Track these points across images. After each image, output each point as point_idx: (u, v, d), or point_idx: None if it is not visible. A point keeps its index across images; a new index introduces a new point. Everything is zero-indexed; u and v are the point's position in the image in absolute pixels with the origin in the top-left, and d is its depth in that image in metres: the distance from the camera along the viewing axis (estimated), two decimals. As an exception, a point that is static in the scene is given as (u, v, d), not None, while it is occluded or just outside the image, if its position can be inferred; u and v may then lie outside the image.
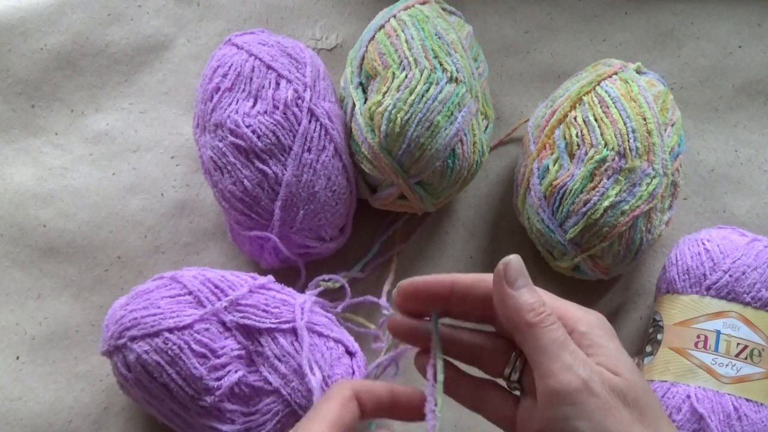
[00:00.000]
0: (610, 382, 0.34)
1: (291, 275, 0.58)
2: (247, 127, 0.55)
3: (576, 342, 0.36)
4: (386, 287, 0.60)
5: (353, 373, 0.53)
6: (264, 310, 0.52)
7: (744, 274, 0.53)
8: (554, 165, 0.57)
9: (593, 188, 0.55)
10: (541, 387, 0.35)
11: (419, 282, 0.40)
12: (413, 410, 0.40)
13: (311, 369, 0.50)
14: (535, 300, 0.37)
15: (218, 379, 0.50)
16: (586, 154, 0.56)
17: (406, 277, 0.41)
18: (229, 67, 0.57)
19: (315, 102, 0.57)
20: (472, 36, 0.62)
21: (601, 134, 0.56)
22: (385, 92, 0.56)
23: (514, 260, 0.37)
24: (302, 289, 0.57)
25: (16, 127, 0.65)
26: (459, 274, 0.40)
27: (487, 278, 0.39)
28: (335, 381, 0.51)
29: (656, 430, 0.34)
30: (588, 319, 0.38)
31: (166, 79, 0.67)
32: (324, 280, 0.58)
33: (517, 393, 0.41)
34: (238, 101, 0.56)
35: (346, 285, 0.58)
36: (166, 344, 0.50)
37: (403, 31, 0.58)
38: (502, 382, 0.42)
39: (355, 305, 0.60)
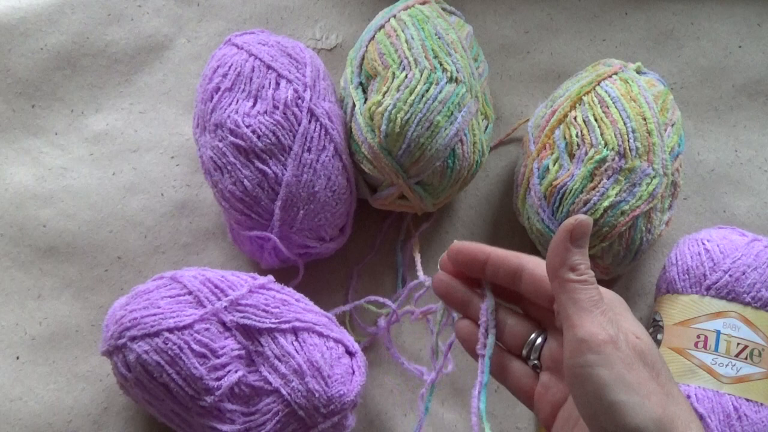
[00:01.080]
0: (633, 342, 0.37)
1: (291, 275, 0.58)
2: (247, 127, 0.55)
3: None
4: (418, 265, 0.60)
5: (353, 373, 0.53)
6: (264, 310, 0.52)
7: (744, 274, 0.53)
8: (554, 165, 0.57)
9: (593, 188, 0.55)
10: (569, 336, 0.37)
11: (465, 246, 0.43)
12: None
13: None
14: (584, 262, 0.38)
15: (218, 379, 0.50)
16: (586, 154, 0.56)
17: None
18: (229, 67, 0.57)
19: (315, 102, 0.57)
20: (472, 36, 0.62)
21: (601, 134, 0.56)
22: (385, 92, 0.56)
23: (586, 221, 0.38)
24: (298, 288, 0.57)
25: (16, 127, 0.65)
26: (496, 248, 0.42)
27: (520, 256, 0.41)
28: (335, 380, 0.51)
29: (668, 391, 0.36)
30: (609, 295, 0.40)
31: (166, 79, 0.67)
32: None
33: (537, 368, 0.42)
34: (238, 101, 0.56)
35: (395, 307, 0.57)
36: (166, 344, 0.50)
37: (403, 31, 0.58)
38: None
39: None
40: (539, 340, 0.42)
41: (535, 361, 0.42)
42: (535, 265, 0.41)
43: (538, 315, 0.43)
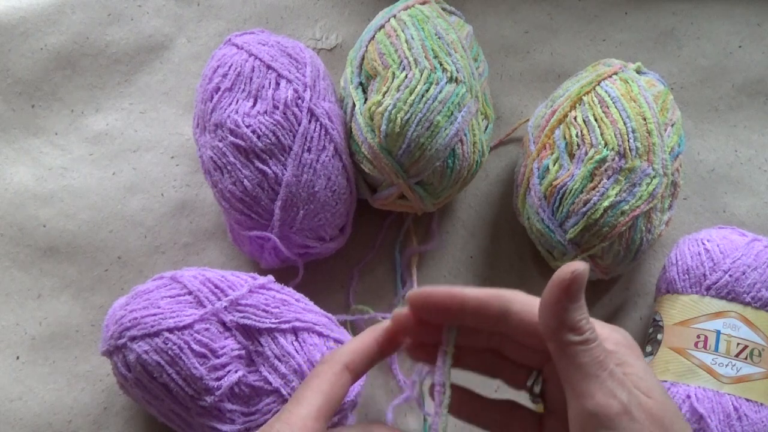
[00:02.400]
0: (646, 405, 0.33)
1: (291, 275, 0.58)
2: (247, 127, 0.55)
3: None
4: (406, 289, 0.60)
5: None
6: (264, 310, 0.52)
7: (744, 274, 0.53)
8: (554, 165, 0.57)
9: (593, 188, 0.55)
10: (575, 408, 0.34)
11: (428, 294, 0.37)
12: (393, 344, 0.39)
13: None
14: (584, 316, 0.34)
15: (218, 379, 0.50)
16: (586, 154, 0.56)
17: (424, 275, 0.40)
18: (229, 67, 0.57)
19: (315, 102, 0.57)
20: (472, 36, 0.62)
21: (601, 134, 0.56)
22: (385, 92, 0.56)
23: (582, 273, 0.33)
24: (298, 288, 0.56)
25: (16, 127, 0.65)
26: (472, 290, 0.37)
27: (502, 296, 0.37)
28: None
29: None
30: (615, 337, 0.36)
31: (166, 79, 0.67)
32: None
33: (540, 408, 0.40)
34: (238, 101, 0.56)
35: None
36: (166, 344, 0.50)
37: (403, 31, 0.58)
38: (523, 399, 0.41)
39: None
40: (536, 388, 0.39)
41: (537, 397, 0.39)
42: (522, 305, 0.36)
43: (529, 356, 0.39)
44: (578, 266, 0.33)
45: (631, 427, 0.32)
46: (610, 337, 0.36)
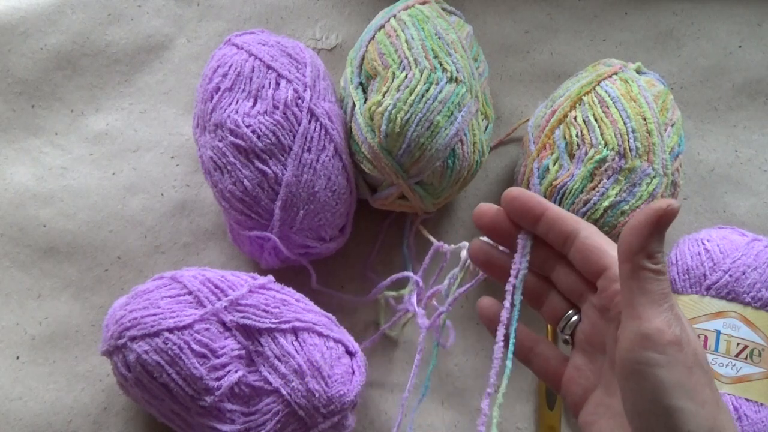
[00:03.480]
0: (693, 344, 0.35)
1: (291, 275, 0.58)
2: (247, 127, 0.55)
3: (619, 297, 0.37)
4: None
5: (353, 373, 0.53)
6: (264, 310, 0.52)
7: (744, 274, 0.53)
8: (554, 165, 0.57)
9: (593, 188, 0.55)
10: (632, 327, 0.35)
11: (523, 193, 0.40)
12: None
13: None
14: (661, 252, 0.36)
15: (218, 379, 0.50)
16: (586, 154, 0.56)
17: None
18: (229, 67, 0.57)
19: (315, 102, 0.57)
20: (472, 36, 0.62)
21: (601, 134, 0.56)
22: (385, 92, 0.56)
23: (676, 209, 0.35)
24: (297, 288, 0.57)
25: (16, 127, 0.65)
26: (554, 205, 0.40)
27: (578, 220, 0.40)
28: (335, 380, 0.51)
29: (718, 399, 0.35)
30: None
31: (166, 79, 0.67)
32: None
33: (568, 343, 0.42)
34: (238, 101, 0.56)
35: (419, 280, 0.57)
36: (166, 344, 0.50)
37: (403, 31, 0.58)
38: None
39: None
40: (574, 318, 0.41)
41: (567, 337, 0.41)
42: (590, 233, 0.39)
43: (575, 288, 0.41)
44: (674, 202, 0.35)
45: (677, 357, 0.34)
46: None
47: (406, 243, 0.63)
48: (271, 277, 0.55)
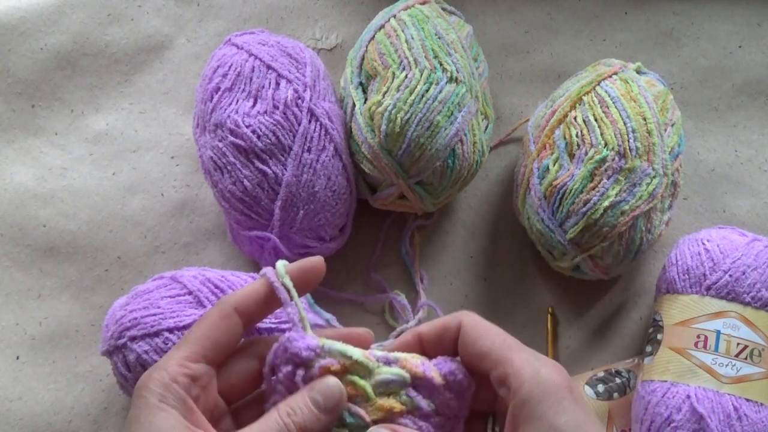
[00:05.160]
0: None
1: (291, 275, 0.58)
2: (247, 127, 0.55)
3: (513, 412, 0.35)
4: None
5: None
6: (264, 310, 0.52)
7: (744, 274, 0.53)
8: (554, 165, 0.57)
9: (593, 188, 0.55)
10: None
11: (389, 349, 0.40)
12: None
13: None
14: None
15: (218, 379, 0.50)
16: (586, 154, 0.56)
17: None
18: (229, 67, 0.57)
19: (315, 102, 0.57)
20: (472, 36, 0.62)
21: (601, 134, 0.56)
22: (385, 92, 0.56)
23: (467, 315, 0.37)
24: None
25: (16, 127, 0.65)
26: (423, 327, 0.40)
27: (449, 323, 0.39)
28: None
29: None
30: (537, 379, 0.35)
31: (166, 79, 0.67)
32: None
33: None
34: (238, 101, 0.56)
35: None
36: (166, 344, 0.50)
37: (403, 31, 0.58)
38: None
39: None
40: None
41: None
42: (469, 325, 0.38)
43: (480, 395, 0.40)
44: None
45: None
46: (531, 378, 0.35)
47: (405, 244, 0.63)
48: (271, 277, 0.55)
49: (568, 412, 0.34)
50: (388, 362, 0.37)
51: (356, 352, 0.37)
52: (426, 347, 0.40)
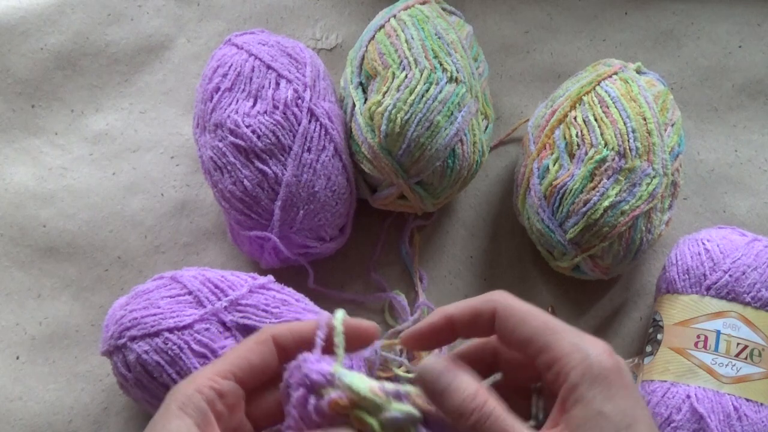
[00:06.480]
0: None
1: (291, 275, 0.58)
2: (247, 127, 0.55)
3: (564, 395, 0.35)
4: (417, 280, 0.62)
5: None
6: (264, 310, 0.52)
7: (744, 274, 0.53)
8: (554, 165, 0.57)
9: (593, 188, 0.55)
10: None
11: (417, 331, 0.40)
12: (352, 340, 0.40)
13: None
14: (462, 399, 0.35)
15: (218, 379, 0.50)
16: (586, 154, 0.56)
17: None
18: (229, 67, 0.57)
19: (315, 102, 0.57)
20: (472, 36, 0.62)
21: (601, 134, 0.56)
22: (385, 92, 0.56)
23: (425, 369, 0.36)
24: (297, 288, 0.57)
25: (16, 127, 0.65)
26: (452, 308, 0.39)
27: (481, 308, 0.38)
28: None
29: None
30: (586, 362, 0.35)
31: (166, 79, 0.67)
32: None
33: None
34: (238, 101, 0.56)
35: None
36: (166, 344, 0.50)
37: (403, 31, 0.58)
38: None
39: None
40: (541, 414, 0.39)
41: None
42: (505, 306, 0.38)
43: (521, 370, 0.40)
44: (420, 366, 0.36)
45: None
46: (581, 363, 0.35)
47: (405, 244, 0.63)
48: (271, 277, 0.55)
49: (617, 398, 0.34)
50: (398, 396, 0.37)
51: (364, 388, 0.36)
52: (458, 330, 0.39)
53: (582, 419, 0.34)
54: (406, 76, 0.55)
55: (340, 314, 0.39)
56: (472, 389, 0.35)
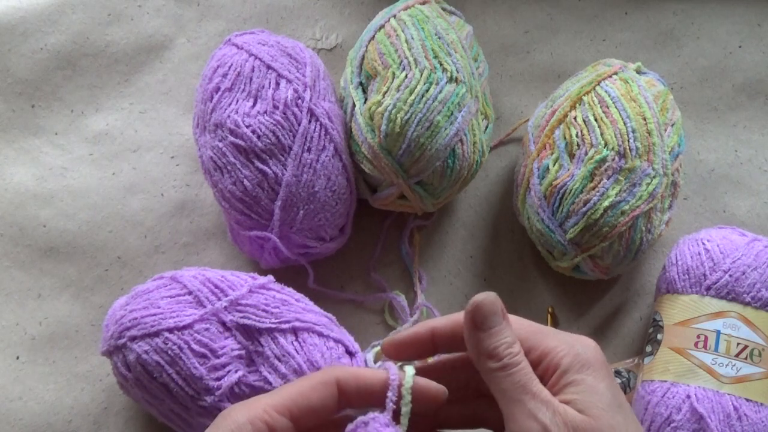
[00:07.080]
0: (574, 422, 0.34)
1: (291, 275, 0.58)
2: (247, 127, 0.55)
3: (554, 381, 0.36)
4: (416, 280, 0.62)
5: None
6: (264, 310, 0.52)
7: (744, 274, 0.53)
8: (554, 165, 0.57)
9: (593, 188, 0.55)
10: (508, 427, 0.35)
11: (399, 339, 0.40)
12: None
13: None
14: (502, 341, 0.36)
15: (218, 379, 0.50)
16: (586, 154, 0.56)
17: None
18: (229, 67, 0.57)
19: (315, 102, 0.57)
20: (472, 36, 0.62)
21: (601, 134, 0.56)
22: (385, 92, 0.56)
23: (482, 304, 0.36)
24: (298, 288, 0.57)
25: (16, 127, 0.65)
26: (437, 321, 0.40)
27: (462, 316, 0.39)
28: None
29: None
30: (573, 352, 0.37)
31: (166, 79, 0.67)
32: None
33: None
34: (238, 101, 0.56)
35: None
36: (166, 344, 0.50)
37: (403, 31, 0.58)
38: None
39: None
40: None
41: None
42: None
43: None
44: (480, 297, 0.36)
45: None
46: (568, 353, 0.37)
47: (405, 244, 0.63)
48: (271, 277, 0.55)
49: (607, 381, 0.36)
50: None
51: None
52: (438, 342, 0.40)
53: (577, 395, 0.35)
54: (406, 76, 0.55)
55: (409, 379, 0.38)
56: (513, 340, 0.36)
